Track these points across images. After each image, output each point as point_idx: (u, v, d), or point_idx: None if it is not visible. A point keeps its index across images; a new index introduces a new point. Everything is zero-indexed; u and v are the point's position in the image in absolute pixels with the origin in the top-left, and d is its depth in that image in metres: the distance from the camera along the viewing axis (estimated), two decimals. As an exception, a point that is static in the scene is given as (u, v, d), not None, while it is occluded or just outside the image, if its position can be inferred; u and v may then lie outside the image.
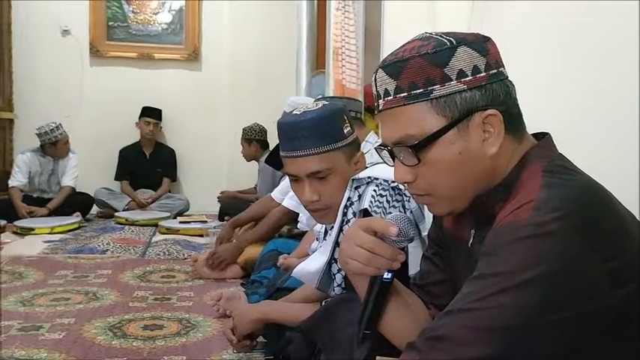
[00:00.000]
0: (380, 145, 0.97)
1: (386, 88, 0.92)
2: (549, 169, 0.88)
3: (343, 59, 3.48)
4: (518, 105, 0.94)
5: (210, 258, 3.00)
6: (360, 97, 3.43)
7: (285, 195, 2.96)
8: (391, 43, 3.06)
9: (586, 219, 0.79)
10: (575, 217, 0.78)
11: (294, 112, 1.46)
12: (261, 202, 3.34)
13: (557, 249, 0.77)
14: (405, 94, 0.90)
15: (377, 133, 2.80)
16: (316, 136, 1.41)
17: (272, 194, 3.17)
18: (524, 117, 0.95)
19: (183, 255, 3.58)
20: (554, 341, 0.76)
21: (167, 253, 3.63)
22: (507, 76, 0.93)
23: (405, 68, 0.89)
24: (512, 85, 0.93)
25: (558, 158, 0.92)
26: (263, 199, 3.39)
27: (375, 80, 0.95)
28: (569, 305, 0.76)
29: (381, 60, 0.95)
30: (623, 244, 0.80)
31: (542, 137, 0.96)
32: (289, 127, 1.45)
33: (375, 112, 0.97)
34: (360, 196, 1.39)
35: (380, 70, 0.93)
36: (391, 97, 0.91)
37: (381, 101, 0.94)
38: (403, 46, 0.93)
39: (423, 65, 0.88)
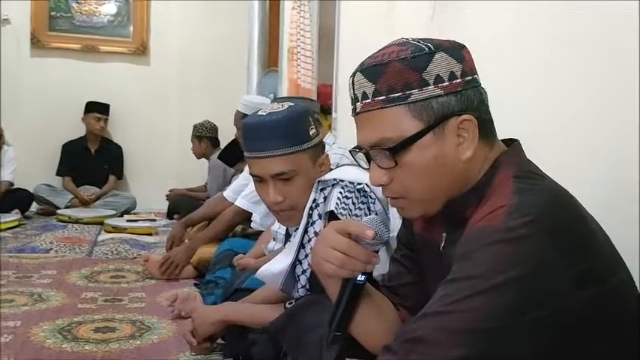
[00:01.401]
0: (355, 148, 0.98)
1: (364, 91, 0.92)
2: (519, 174, 0.91)
3: (299, 59, 3.47)
4: (490, 112, 0.96)
5: (164, 263, 2.93)
6: (314, 97, 3.43)
7: (238, 194, 2.92)
8: (347, 42, 3.07)
9: (555, 224, 0.82)
10: (545, 222, 0.81)
11: (260, 113, 1.45)
12: (214, 201, 3.29)
13: (529, 253, 0.79)
14: (383, 97, 0.90)
15: (332, 134, 2.81)
16: (282, 137, 1.41)
17: (224, 193, 3.13)
18: (497, 122, 0.97)
19: (133, 254, 3.48)
20: (527, 342, 0.79)
21: (115, 252, 3.52)
22: (481, 84, 0.95)
23: (383, 72, 0.90)
24: (485, 93, 0.95)
25: (527, 164, 0.95)
26: (215, 198, 3.34)
27: (353, 83, 0.95)
28: (538, 307, 0.79)
29: (359, 63, 0.95)
30: (589, 248, 0.84)
31: (512, 143, 0.99)
32: (254, 127, 1.43)
33: (351, 113, 0.98)
34: (325, 198, 1.39)
35: (358, 73, 0.94)
36: (369, 100, 0.92)
37: (358, 104, 0.94)
38: (381, 50, 0.94)
39: (402, 69, 0.89)
